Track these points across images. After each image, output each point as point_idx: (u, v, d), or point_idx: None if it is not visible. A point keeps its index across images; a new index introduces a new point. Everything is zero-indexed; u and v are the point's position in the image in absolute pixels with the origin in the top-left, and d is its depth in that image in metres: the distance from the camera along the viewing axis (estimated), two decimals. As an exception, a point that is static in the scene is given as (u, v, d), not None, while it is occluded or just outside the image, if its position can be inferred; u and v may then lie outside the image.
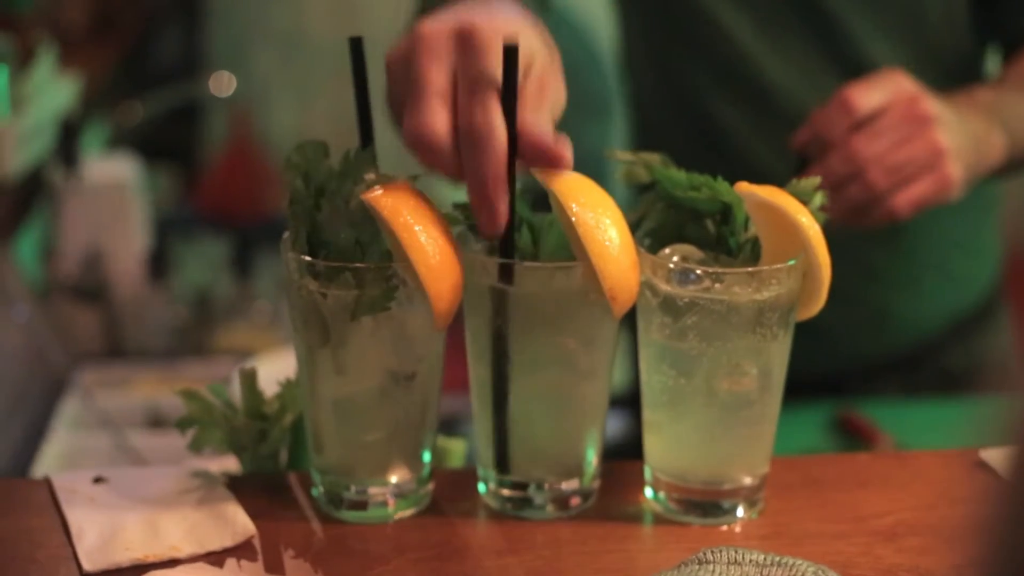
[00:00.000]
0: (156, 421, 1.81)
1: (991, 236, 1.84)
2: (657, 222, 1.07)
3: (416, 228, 0.99)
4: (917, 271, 1.77)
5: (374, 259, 1.01)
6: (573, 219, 1.00)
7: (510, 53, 0.97)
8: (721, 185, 1.04)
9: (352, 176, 1.02)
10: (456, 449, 1.22)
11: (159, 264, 2.16)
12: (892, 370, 1.81)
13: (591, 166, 1.16)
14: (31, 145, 2.06)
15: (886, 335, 1.79)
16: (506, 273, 1.02)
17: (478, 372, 1.07)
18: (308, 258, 1.01)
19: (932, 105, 1.33)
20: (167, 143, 3.05)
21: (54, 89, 2.20)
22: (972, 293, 1.82)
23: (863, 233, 1.67)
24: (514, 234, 1.02)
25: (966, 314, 1.81)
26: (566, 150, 1.00)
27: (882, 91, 1.32)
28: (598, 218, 1.00)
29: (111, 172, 2.20)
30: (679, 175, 1.05)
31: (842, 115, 1.31)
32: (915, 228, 1.72)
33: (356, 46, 1.06)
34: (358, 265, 1.00)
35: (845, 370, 1.80)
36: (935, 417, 1.78)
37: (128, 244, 2.15)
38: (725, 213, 1.05)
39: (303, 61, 3.21)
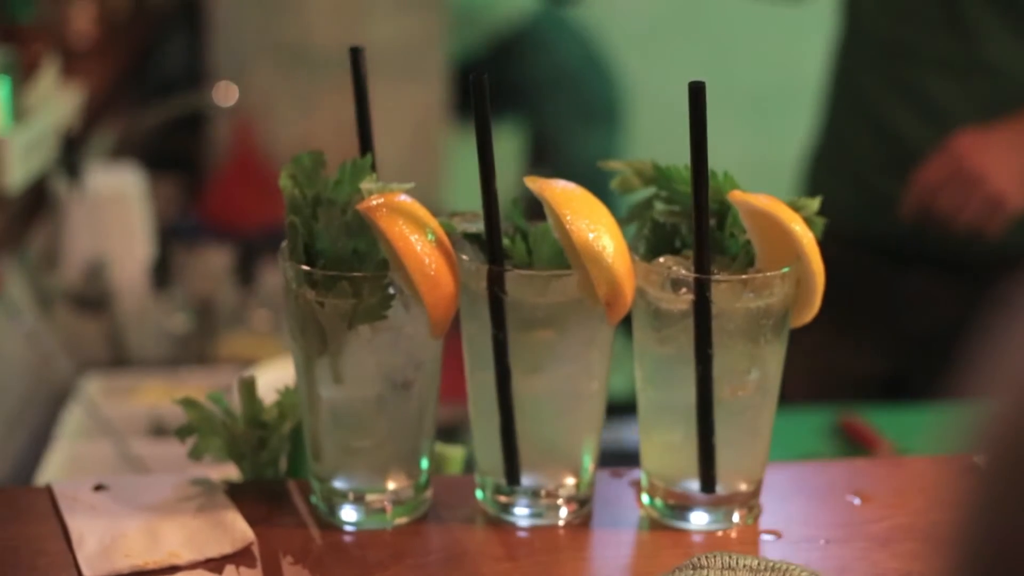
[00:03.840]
0: (159, 429, 1.82)
1: None
2: (652, 230, 1.08)
3: (412, 237, 1.00)
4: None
5: (371, 268, 1.02)
6: (567, 228, 1.01)
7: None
8: (724, 182, 1.05)
9: (349, 186, 1.03)
10: (454, 456, 1.23)
11: (162, 273, 2.16)
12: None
13: (596, 172, 1.17)
14: (35, 155, 2.07)
15: None
16: (499, 281, 1.03)
17: (475, 379, 1.08)
18: (306, 267, 1.02)
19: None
20: (170, 153, 3.06)
21: (58, 100, 2.21)
22: None
23: None
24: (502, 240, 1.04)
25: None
26: None
27: None
28: (592, 226, 1.01)
29: (114, 182, 2.21)
30: (680, 170, 1.06)
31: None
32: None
33: (356, 56, 1.07)
34: (355, 274, 1.01)
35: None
36: (934, 423, 1.79)
37: (131, 253, 2.16)
38: (722, 214, 1.06)
39: (306, 72, 3.22)
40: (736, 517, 1.08)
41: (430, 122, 3.34)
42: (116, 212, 2.16)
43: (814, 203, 1.07)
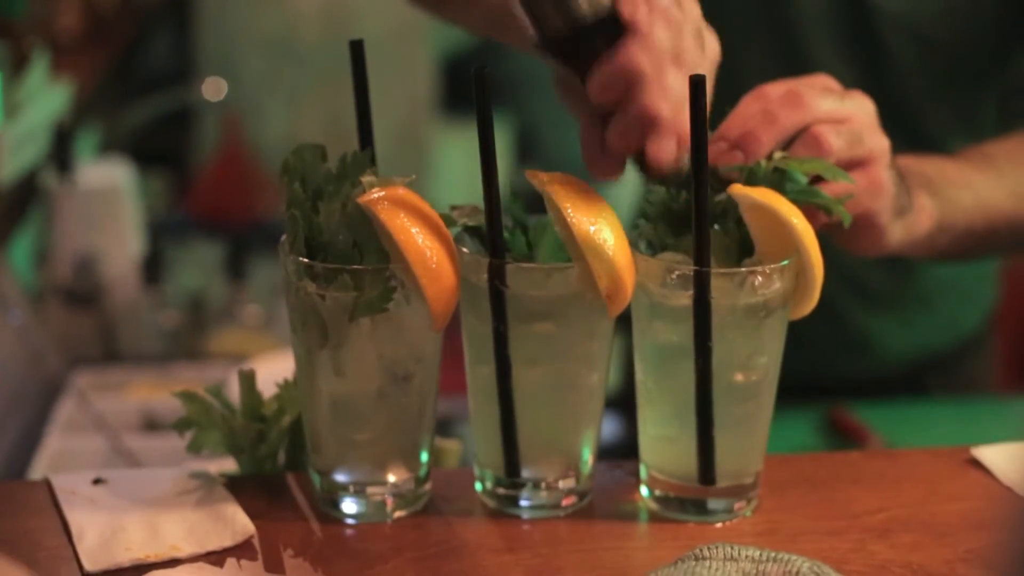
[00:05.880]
0: (151, 424, 1.82)
1: (984, 283, 1.83)
2: (652, 225, 1.08)
3: (413, 230, 1.00)
4: (903, 301, 1.77)
5: (372, 261, 1.02)
6: (569, 221, 1.01)
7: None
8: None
9: (349, 179, 1.03)
10: (452, 450, 1.23)
11: (152, 268, 2.16)
12: (873, 386, 1.82)
13: (582, 169, 1.17)
14: (25, 150, 2.06)
15: (866, 358, 1.80)
16: (500, 274, 1.03)
17: (476, 372, 1.08)
18: (307, 260, 1.02)
19: (887, 141, 1.16)
20: (159, 148, 3.06)
21: (47, 95, 2.21)
22: (956, 333, 1.82)
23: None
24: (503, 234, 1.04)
25: (948, 349, 1.82)
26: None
27: (841, 101, 1.14)
28: (593, 219, 1.01)
29: (104, 177, 2.21)
30: None
31: (789, 111, 1.11)
32: (907, 259, 1.74)
33: (357, 49, 1.07)
34: (356, 267, 1.01)
35: (828, 381, 1.81)
36: (925, 417, 1.79)
37: (121, 248, 2.16)
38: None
39: (293, 66, 3.22)
40: (735, 509, 1.09)
41: (417, 116, 3.34)
42: (106, 207, 2.15)
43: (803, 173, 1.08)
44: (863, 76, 1.60)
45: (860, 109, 1.14)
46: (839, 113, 1.12)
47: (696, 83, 1.00)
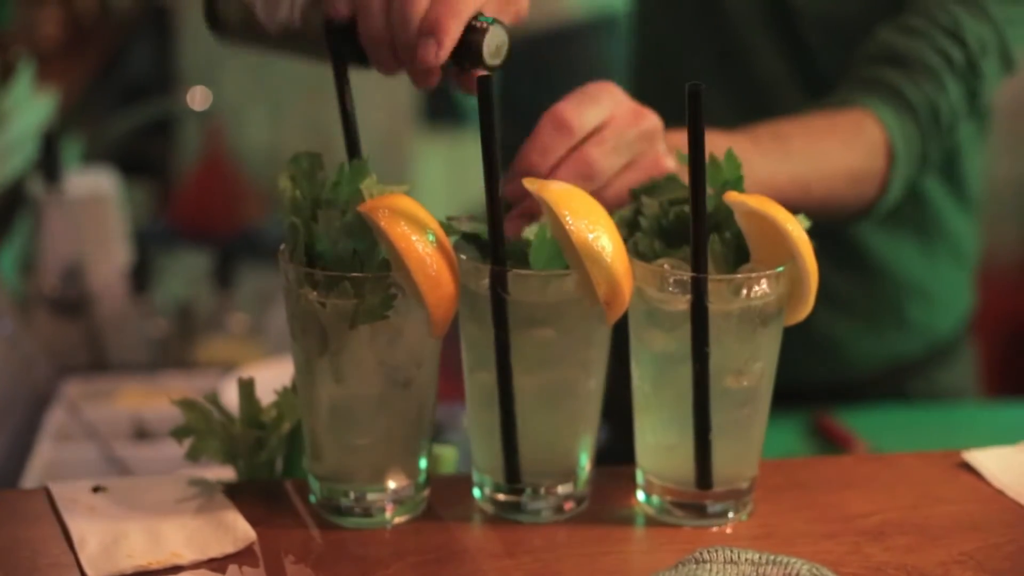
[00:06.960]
0: (141, 433, 1.82)
1: (956, 290, 1.85)
2: (648, 239, 1.09)
3: (413, 238, 1.01)
4: (871, 307, 1.78)
5: (371, 269, 1.03)
6: (567, 228, 1.02)
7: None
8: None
9: (348, 187, 1.04)
10: (447, 456, 1.24)
11: (139, 277, 2.16)
12: (852, 392, 1.83)
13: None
14: (11, 159, 2.06)
15: (837, 364, 1.80)
16: (501, 281, 1.04)
17: (474, 379, 1.09)
18: (308, 269, 1.03)
19: (654, 119, 1.16)
20: (141, 157, 3.06)
21: (33, 103, 2.21)
22: (928, 340, 1.82)
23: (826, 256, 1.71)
24: (504, 240, 1.05)
25: (921, 356, 1.83)
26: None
27: (598, 106, 1.14)
28: (591, 226, 1.02)
29: (91, 185, 2.21)
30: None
31: (561, 137, 1.13)
32: (877, 265, 1.75)
33: (339, 67, 1.07)
34: (357, 275, 1.02)
35: (805, 387, 1.81)
36: (910, 422, 1.80)
37: (109, 257, 2.16)
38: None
39: (275, 76, 3.22)
40: (731, 514, 1.10)
41: (399, 125, 3.34)
42: (93, 215, 2.15)
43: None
44: (793, 73, 1.66)
45: (615, 107, 1.14)
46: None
47: (694, 93, 1.01)
